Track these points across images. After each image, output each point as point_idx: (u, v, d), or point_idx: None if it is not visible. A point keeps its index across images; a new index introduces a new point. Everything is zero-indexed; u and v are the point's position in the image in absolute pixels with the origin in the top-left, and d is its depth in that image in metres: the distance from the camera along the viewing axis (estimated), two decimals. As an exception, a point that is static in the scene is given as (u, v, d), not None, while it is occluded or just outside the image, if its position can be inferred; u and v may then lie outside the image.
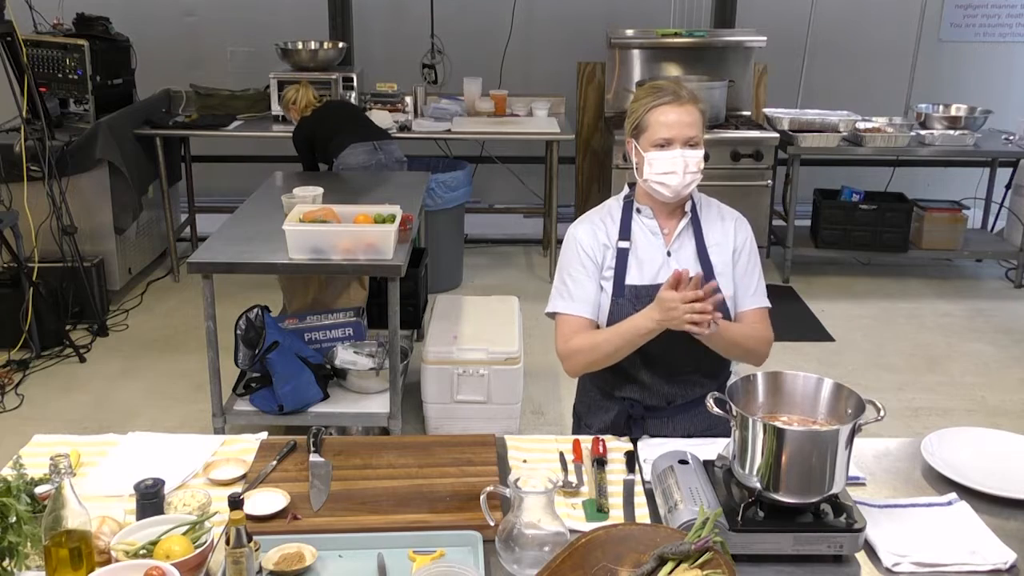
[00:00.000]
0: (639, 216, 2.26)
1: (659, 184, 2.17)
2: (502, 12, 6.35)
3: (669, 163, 2.14)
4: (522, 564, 1.68)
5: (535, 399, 4.28)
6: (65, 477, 1.57)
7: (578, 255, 2.25)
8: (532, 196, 6.59)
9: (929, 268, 6.10)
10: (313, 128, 4.70)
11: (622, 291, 2.20)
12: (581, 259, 2.25)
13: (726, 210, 2.32)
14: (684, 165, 2.14)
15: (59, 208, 4.71)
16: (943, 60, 6.67)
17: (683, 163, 2.14)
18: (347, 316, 4.00)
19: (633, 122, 2.21)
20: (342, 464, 2.06)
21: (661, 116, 2.15)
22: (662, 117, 2.14)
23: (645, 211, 2.25)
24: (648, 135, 2.17)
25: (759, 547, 1.73)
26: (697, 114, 2.17)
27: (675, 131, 2.14)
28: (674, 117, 2.14)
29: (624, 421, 2.31)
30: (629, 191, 2.29)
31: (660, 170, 2.15)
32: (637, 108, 2.20)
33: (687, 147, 2.14)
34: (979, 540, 1.80)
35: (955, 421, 4.04)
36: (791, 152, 5.54)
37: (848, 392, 1.83)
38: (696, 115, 2.16)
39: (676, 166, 2.14)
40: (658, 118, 2.15)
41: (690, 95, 2.16)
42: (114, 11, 5.79)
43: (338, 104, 5.11)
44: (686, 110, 2.14)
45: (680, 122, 2.14)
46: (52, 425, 3.90)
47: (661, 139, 2.15)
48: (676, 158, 2.14)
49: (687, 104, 2.15)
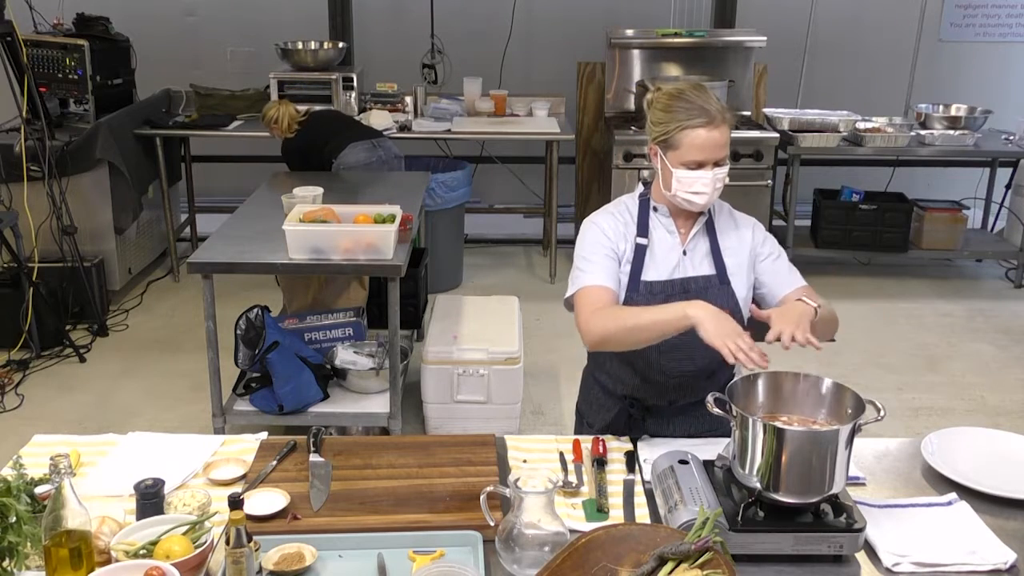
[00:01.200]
0: (656, 215, 2.25)
1: (687, 201, 2.14)
2: (502, 12, 6.35)
3: (699, 184, 2.11)
4: (522, 564, 1.68)
5: (535, 399, 4.28)
6: (65, 477, 1.57)
7: (601, 239, 2.21)
8: (532, 196, 6.59)
9: (929, 268, 6.10)
10: (305, 139, 4.56)
11: (637, 286, 2.20)
12: (603, 243, 2.20)
13: (740, 216, 2.31)
14: (713, 184, 2.11)
15: (59, 208, 4.72)
16: (943, 60, 6.67)
17: (712, 183, 2.11)
18: (347, 316, 4.00)
19: (660, 133, 2.13)
20: (342, 464, 2.06)
21: (696, 139, 2.08)
22: (696, 140, 2.08)
23: (662, 210, 2.24)
24: (678, 154, 2.11)
25: (759, 547, 1.73)
26: (728, 132, 2.11)
27: (708, 154, 2.09)
28: (708, 141, 2.08)
29: (625, 421, 2.32)
30: (644, 189, 2.29)
31: (689, 189, 2.12)
32: (667, 121, 2.11)
33: (717, 166, 2.12)
34: (979, 540, 1.80)
35: (955, 421, 4.04)
36: (791, 152, 5.54)
37: (848, 392, 1.83)
38: (727, 133, 2.11)
39: (706, 187, 2.11)
40: (692, 141, 2.08)
41: (721, 114, 2.09)
42: (114, 11, 5.79)
43: (324, 112, 4.95)
44: (720, 131, 2.09)
45: (713, 145, 2.09)
46: (52, 425, 3.90)
47: (693, 162, 2.10)
48: (705, 179, 2.10)
49: (721, 125, 2.09)
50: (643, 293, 2.20)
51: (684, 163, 2.11)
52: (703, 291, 2.19)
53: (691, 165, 2.10)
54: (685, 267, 2.21)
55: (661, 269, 2.21)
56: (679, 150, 2.10)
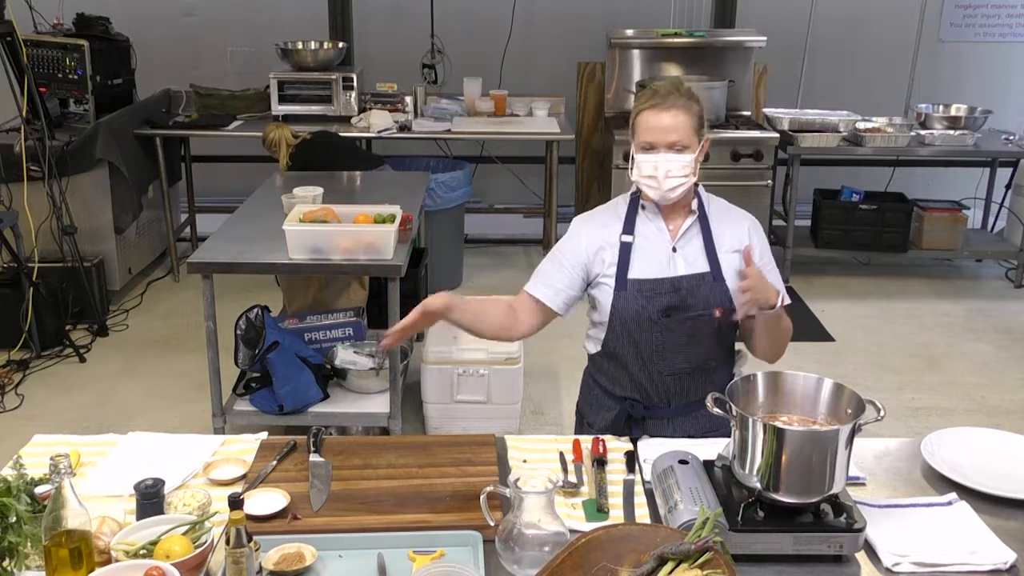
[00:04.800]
0: (644, 212, 2.26)
1: (645, 187, 2.20)
2: (502, 12, 6.35)
3: (650, 167, 2.16)
4: (522, 564, 1.68)
5: (535, 399, 4.28)
6: (65, 477, 1.57)
7: (573, 242, 2.29)
8: (532, 196, 6.59)
9: (929, 268, 6.10)
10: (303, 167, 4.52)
11: (625, 285, 2.21)
12: (575, 247, 2.28)
13: (738, 212, 2.32)
14: (665, 170, 2.14)
15: (59, 208, 4.71)
16: (943, 60, 6.67)
17: (664, 168, 2.14)
18: (347, 316, 3.99)
19: (630, 122, 2.24)
20: (342, 464, 2.06)
21: (643, 120, 2.17)
22: (645, 122, 2.16)
23: (650, 207, 2.26)
24: (637, 138, 2.20)
25: (759, 547, 1.73)
26: (683, 118, 2.15)
27: (656, 135, 2.15)
28: (655, 122, 2.15)
29: (625, 421, 2.32)
30: (636, 188, 2.30)
31: (643, 173, 2.18)
32: (633, 109, 2.23)
33: (670, 151, 2.14)
34: (979, 540, 1.80)
35: (955, 421, 4.04)
36: (791, 152, 5.54)
37: (848, 392, 1.83)
38: (681, 119, 2.14)
39: (657, 170, 2.15)
40: (641, 122, 2.17)
41: (676, 98, 2.14)
42: (114, 11, 5.79)
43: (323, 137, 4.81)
44: (669, 114, 2.14)
45: (660, 127, 2.14)
46: (52, 425, 3.91)
47: (645, 143, 2.17)
48: (657, 162, 2.15)
49: (671, 108, 2.14)
50: (631, 292, 2.20)
51: (639, 146, 2.18)
52: (696, 289, 2.20)
53: (644, 146, 2.17)
54: (676, 265, 2.21)
55: (650, 267, 2.22)
56: (636, 133, 2.20)
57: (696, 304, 2.20)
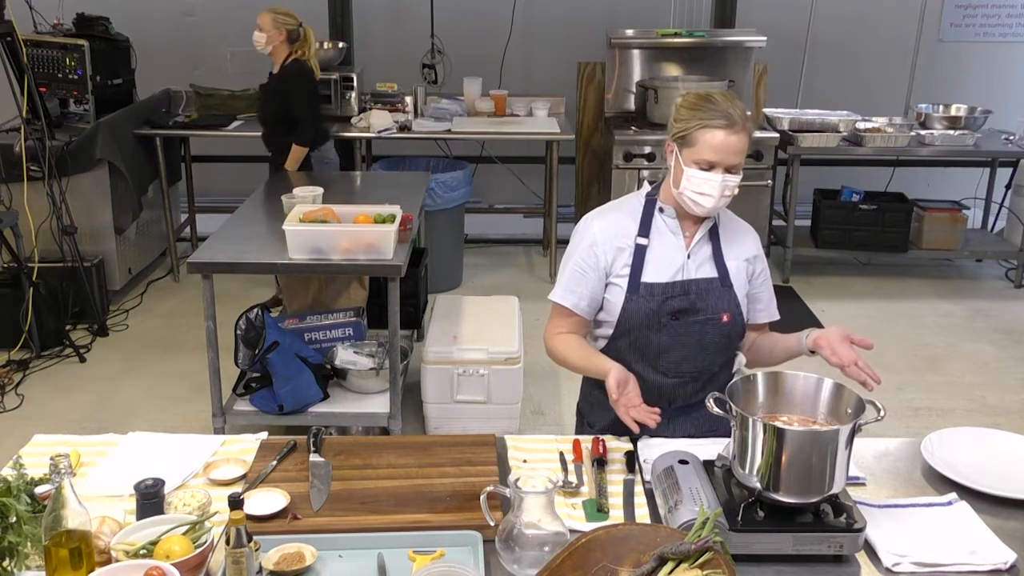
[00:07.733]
0: (661, 215, 2.25)
1: (692, 201, 2.15)
2: (502, 12, 6.35)
3: (707, 185, 2.11)
4: (522, 564, 1.68)
5: (535, 399, 4.28)
6: (65, 477, 1.57)
7: (591, 249, 2.25)
8: (532, 196, 6.60)
9: (929, 268, 6.10)
10: (304, 90, 4.57)
11: (637, 288, 2.20)
12: (594, 253, 2.24)
13: (740, 223, 2.33)
14: (721, 190, 2.11)
15: (59, 208, 4.71)
16: (943, 60, 6.67)
17: (720, 188, 2.11)
18: (347, 316, 3.99)
19: (680, 130, 2.14)
20: (342, 464, 2.06)
21: (711, 138, 2.09)
22: (712, 140, 2.09)
23: (668, 211, 2.24)
24: (692, 152, 2.12)
25: (759, 547, 1.73)
26: (746, 141, 2.12)
27: (721, 157, 2.10)
28: (724, 144, 2.09)
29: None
30: (652, 189, 2.29)
31: (697, 189, 2.13)
32: (688, 118, 2.13)
33: (728, 172, 2.12)
34: (979, 540, 1.80)
35: (955, 421, 4.04)
36: (791, 152, 5.54)
37: (848, 392, 1.83)
38: (745, 142, 2.12)
39: (713, 190, 2.11)
40: (707, 140, 2.09)
41: (743, 121, 2.10)
42: (114, 11, 5.79)
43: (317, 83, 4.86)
44: (738, 137, 2.09)
45: (728, 149, 2.09)
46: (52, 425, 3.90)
47: (705, 161, 2.11)
48: (714, 182, 2.11)
49: (741, 132, 2.10)
50: (643, 295, 2.20)
51: (697, 161, 2.12)
52: (705, 293, 2.20)
53: (703, 164, 2.11)
54: (688, 270, 2.21)
55: (663, 271, 2.21)
56: (694, 147, 2.12)
57: (705, 308, 2.20)
